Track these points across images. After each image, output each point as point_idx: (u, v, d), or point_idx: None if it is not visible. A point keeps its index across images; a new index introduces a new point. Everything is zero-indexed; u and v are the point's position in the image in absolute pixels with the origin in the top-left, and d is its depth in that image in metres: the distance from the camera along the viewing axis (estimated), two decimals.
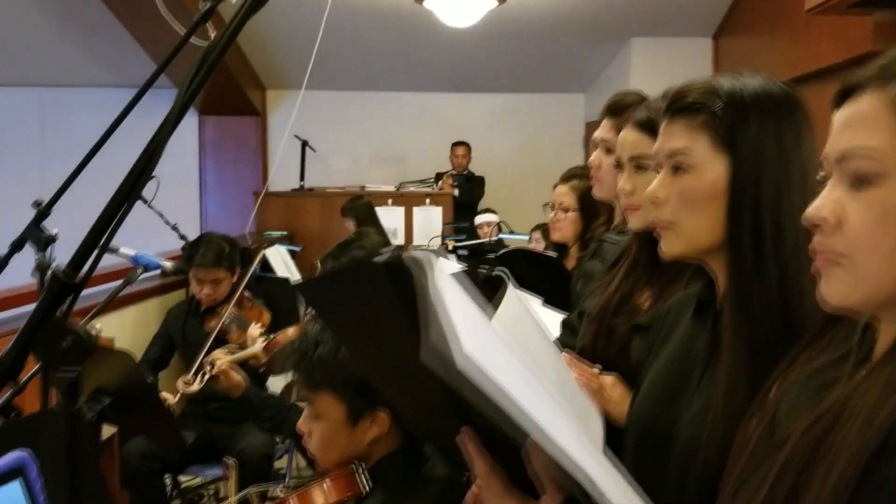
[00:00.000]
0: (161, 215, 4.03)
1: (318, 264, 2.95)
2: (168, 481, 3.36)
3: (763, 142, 1.01)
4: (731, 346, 0.99)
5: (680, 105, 1.05)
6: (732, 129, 1.02)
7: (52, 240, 2.00)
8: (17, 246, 2.03)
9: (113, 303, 2.98)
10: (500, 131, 7.83)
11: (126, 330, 3.74)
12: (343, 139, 7.76)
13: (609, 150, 1.74)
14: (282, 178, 6.71)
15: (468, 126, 7.65)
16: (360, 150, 7.97)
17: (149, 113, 1.88)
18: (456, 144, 7.19)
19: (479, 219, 5.89)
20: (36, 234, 1.97)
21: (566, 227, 2.69)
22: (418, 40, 6.83)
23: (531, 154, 7.83)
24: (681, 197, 1.03)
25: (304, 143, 6.37)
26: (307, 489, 1.44)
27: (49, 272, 0.91)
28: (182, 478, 3.48)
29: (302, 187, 6.52)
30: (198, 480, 3.57)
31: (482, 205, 6.91)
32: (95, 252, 0.95)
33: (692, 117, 1.04)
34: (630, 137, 1.42)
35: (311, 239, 5.98)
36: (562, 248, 2.84)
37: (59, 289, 0.93)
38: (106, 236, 0.96)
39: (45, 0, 6.43)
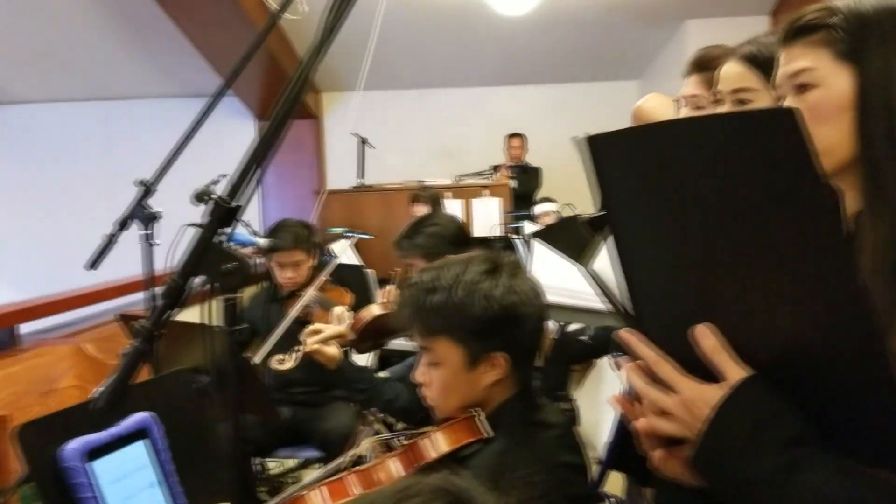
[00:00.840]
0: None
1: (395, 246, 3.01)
2: (257, 466, 3.43)
3: (887, 49, 1.02)
4: (876, 262, 0.95)
5: (796, 27, 1.06)
6: (854, 40, 1.02)
7: (155, 217, 2.11)
8: (123, 224, 2.14)
9: (194, 296, 3.09)
10: (555, 122, 7.83)
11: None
12: (398, 136, 7.86)
13: (699, 108, 1.74)
14: (339, 176, 6.84)
15: (522, 118, 7.68)
16: (416, 146, 8.05)
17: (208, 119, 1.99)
18: (511, 136, 7.22)
19: (538, 208, 5.90)
20: (140, 212, 2.08)
21: None
22: (471, 34, 6.89)
23: None
24: (811, 114, 1.04)
25: (363, 141, 6.47)
26: (430, 435, 1.46)
27: (210, 199, 0.97)
28: (270, 463, 3.56)
29: (361, 184, 6.61)
30: (289, 464, 3.64)
31: (539, 195, 6.93)
32: (249, 179, 1.01)
33: (810, 35, 1.05)
34: (734, 69, 1.42)
35: (371, 233, 6.06)
36: None
37: (223, 213, 0.99)
38: (257, 166, 1.02)
39: (107, 15, 6.64)
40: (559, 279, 1.90)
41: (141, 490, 1.63)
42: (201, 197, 0.96)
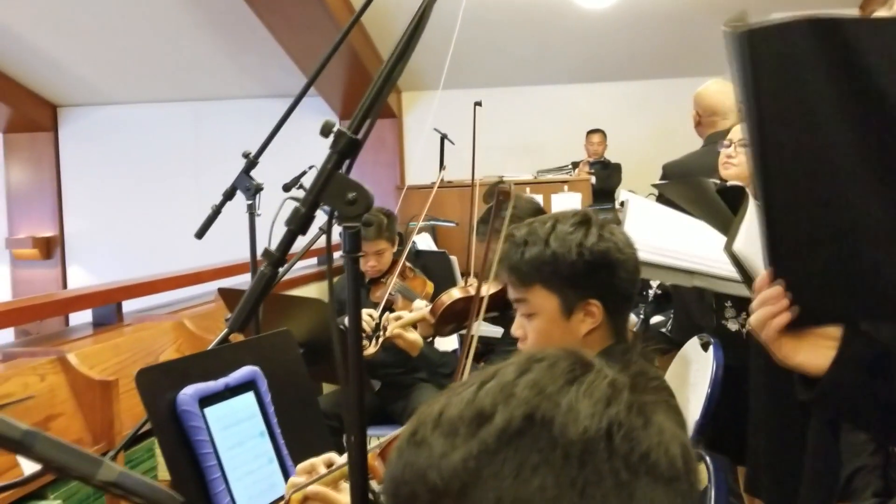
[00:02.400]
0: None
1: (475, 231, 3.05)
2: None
3: None
4: None
5: None
6: None
7: (259, 188, 2.19)
8: (229, 195, 2.24)
9: (280, 285, 3.21)
10: (635, 119, 7.76)
11: None
12: (477, 133, 7.90)
13: None
14: (419, 174, 6.93)
15: (602, 115, 7.64)
16: (494, 142, 8.09)
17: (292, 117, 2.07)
18: (591, 132, 7.19)
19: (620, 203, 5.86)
20: (245, 182, 2.17)
21: (745, 163, 2.57)
22: (552, 31, 6.89)
23: (668, 140, 7.69)
24: None
25: (444, 137, 6.54)
26: None
27: (332, 131, 1.02)
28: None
29: (442, 180, 6.68)
30: (373, 442, 3.72)
31: (619, 192, 6.87)
32: (370, 114, 1.06)
33: None
34: None
35: (453, 228, 6.12)
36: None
37: (346, 145, 1.04)
38: (378, 101, 1.07)
39: (198, 17, 6.90)
40: (655, 237, 1.90)
41: (249, 438, 1.71)
42: (327, 130, 1.01)
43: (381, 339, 2.88)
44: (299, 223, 1.04)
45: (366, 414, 3.29)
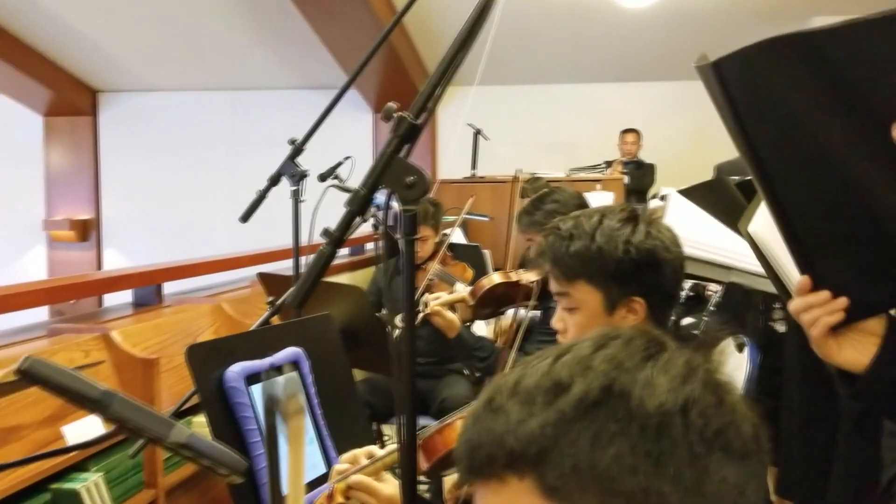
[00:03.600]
0: (350, 192, 4.31)
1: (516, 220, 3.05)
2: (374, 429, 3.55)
3: None
4: None
5: None
6: None
7: (305, 174, 2.23)
8: (274, 180, 2.27)
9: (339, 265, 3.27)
10: (670, 119, 7.73)
11: None
12: (510, 130, 7.92)
13: None
14: (451, 168, 6.96)
15: (637, 114, 7.61)
16: (528, 139, 8.10)
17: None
18: (625, 131, 7.16)
19: (654, 203, 5.84)
20: (291, 169, 2.20)
21: None
22: (588, 29, 6.88)
23: (702, 141, 7.66)
24: None
25: (477, 132, 6.56)
26: None
27: (394, 116, 1.05)
28: (386, 428, 3.68)
29: (473, 175, 6.70)
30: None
31: (652, 192, 6.84)
32: (433, 98, 1.08)
33: None
34: None
35: (484, 223, 6.14)
36: None
37: (407, 129, 1.06)
38: (440, 86, 1.10)
39: (239, 8, 6.98)
40: (695, 232, 1.91)
41: None
42: (388, 114, 1.03)
43: (420, 317, 2.89)
44: (359, 204, 1.06)
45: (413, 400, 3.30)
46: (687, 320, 3.62)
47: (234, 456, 0.84)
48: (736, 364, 2.24)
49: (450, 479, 1.64)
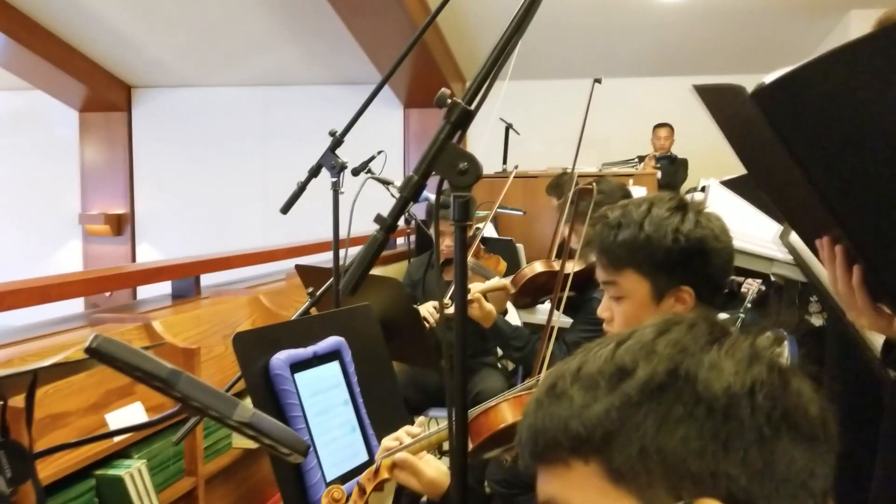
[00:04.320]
0: (387, 185, 4.31)
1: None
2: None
3: None
4: None
5: None
6: None
7: (344, 166, 2.24)
8: (315, 172, 2.29)
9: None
10: (703, 114, 7.64)
11: None
12: (541, 125, 7.89)
13: None
14: (483, 163, 6.94)
15: (670, 109, 7.55)
16: (559, 134, 8.06)
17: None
18: (658, 126, 7.11)
19: (694, 196, 5.79)
20: (331, 160, 2.22)
21: None
22: (623, 23, 6.83)
23: None
24: None
25: (509, 127, 6.55)
26: None
27: (448, 102, 1.05)
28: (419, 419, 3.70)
29: (504, 170, 6.69)
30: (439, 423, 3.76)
31: (685, 187, 6.79)
32: (486, 84, 1.09)
33: None
34: None
35: (515, 217, 6.14)
36: None
37: (460, 115, 1.07)
38: (494, 71, 1.10)
39: (272, 2, 7.02)
40: (735, 223, 1.90)
41: (335, 406, 1.76)
42: (442, 100, 1.04)
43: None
44: (412, 190, 1.07)
45: (433, 394, 3.32)
46: (721, 316, 3.60)
47: (296, 435, 0.85)
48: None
49: None
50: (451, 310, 2.84)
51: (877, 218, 0.88)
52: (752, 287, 3.83)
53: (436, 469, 1.44)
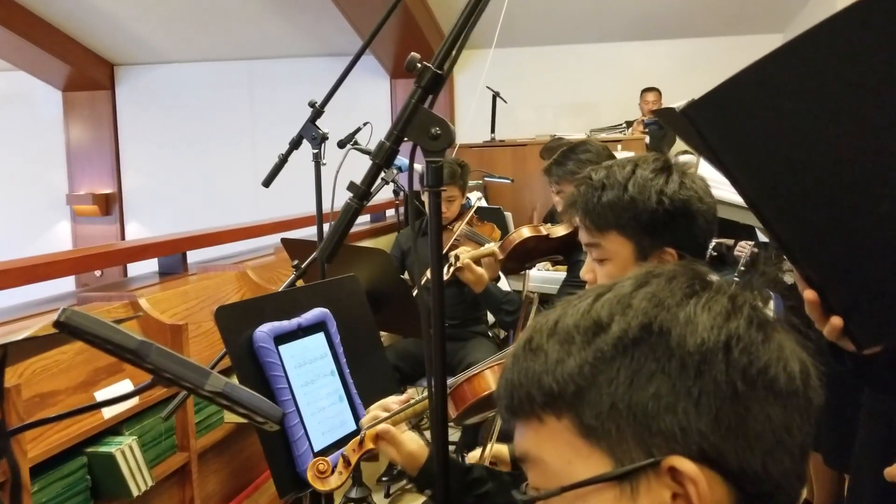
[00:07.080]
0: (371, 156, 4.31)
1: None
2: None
3: None
4: None
5: None
6: None
7: (325, 137, 2.22)
8: (295, 143, 2.27)
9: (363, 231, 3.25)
10: (692, 78, 7.61)
11: None
12: (529, 92, 7.85)
13: None
14: (470, 132, 6.91)
15: (658, 73, 7.51)
16: (547, 101, 8.03)
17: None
18: (646, 90, 7.07)
19: (685, 158, 5.78)
20: (312, 131, 2.20)
21: None
22: None
23: None
24: None
25: (496, 95, 6.51)
26: None
27: (418, 66, 1.04)
28: (411, 390, 3.71)
29: (493, 139, 6.67)
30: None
31: (674, 151, 6.77)
32: (456, 48, 1.07)
33: None
34: None
35: (504, 186, 6.13)
36: None
37: (431, 79, 1.06)
38: (462, 37, 1.09)
39: None
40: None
41: (321, 377, 1.76)
42: (412, 64, 1.02)
43: (451, 269, 2.89)
44: (384, 157, 1.06)
45: (420, 365, 3.32)
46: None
47: (270, 403, 0.85)
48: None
49: (474, 456, 1.65)
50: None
51: (806, 228, 0.87)
52: (744, 250, 3.84)
53: (415, 444, 1.44)
